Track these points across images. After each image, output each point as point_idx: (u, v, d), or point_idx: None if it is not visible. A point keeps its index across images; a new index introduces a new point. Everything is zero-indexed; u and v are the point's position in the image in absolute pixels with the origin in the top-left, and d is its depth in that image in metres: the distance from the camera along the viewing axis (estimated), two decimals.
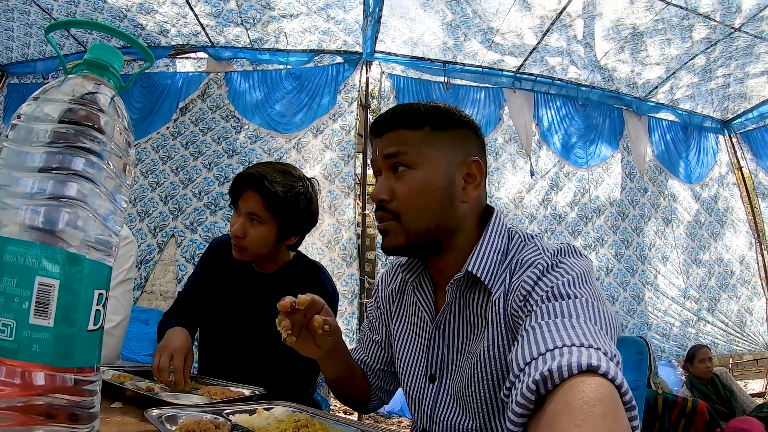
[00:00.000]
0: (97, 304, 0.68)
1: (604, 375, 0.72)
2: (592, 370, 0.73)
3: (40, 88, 0.69)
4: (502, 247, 1.22)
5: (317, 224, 2.17)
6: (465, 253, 1.22)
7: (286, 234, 1.95)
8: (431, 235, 1.21)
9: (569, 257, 1.12)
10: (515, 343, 0.94)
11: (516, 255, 1.19)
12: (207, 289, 2.08)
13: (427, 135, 1.21)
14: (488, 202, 1.33)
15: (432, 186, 1.20)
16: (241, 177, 1.88)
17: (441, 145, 1.22)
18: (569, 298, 0.97)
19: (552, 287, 1.01)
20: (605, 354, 0.79)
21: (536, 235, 1.24)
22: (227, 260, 2.00)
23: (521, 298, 1.06)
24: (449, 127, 1.24)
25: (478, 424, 1.18)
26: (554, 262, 1.09)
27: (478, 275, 1.16)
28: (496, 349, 1.13)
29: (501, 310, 1.13)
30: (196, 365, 2.16)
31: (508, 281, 1.15)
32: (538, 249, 1.16)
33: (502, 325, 1.12)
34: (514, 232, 1.26)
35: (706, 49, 6.17)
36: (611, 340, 0.90)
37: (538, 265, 1.09)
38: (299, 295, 1.21)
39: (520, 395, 0.75)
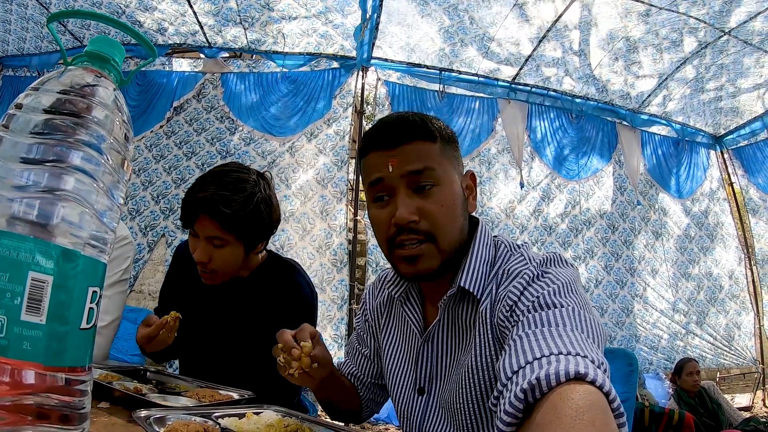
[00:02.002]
0: (91, 302, 0.66)
1: (592, 382, 0.72)
2: (580, 378, 0.73)
3: (39, 79, 0.67)
4: (489, 258, 1.22)
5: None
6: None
7: (253, 246, 1.84)
8: (455, 251, 1.19)
9: (554, 266, 1.12)
10: (502, 352, 0.94)
11: (502, 265, 1.19)
12: (180, 298, 2.01)
13: (441, 148, 1.19)
14: (480, 211, 1.32)
15: (457, 201, 1.18)
16: (193, 202, 1.71)
17: (450, 157, 1.21)
18: (555, 307, 0.97)
19: (538, 297, 1.01)
20: (592, 362, 0.79)
21: (522, 245, 1.24)
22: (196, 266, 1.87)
23: (508, 308, 1.06)
24: (450, 140, 1.24)
25: None
26: (540, 272, 1.09)
27: (469, 288, 1.16)
28: (483, 359, 1.12)
29: (488, 321, 1.13)
30: (177, 370, 2.13)
31: (494, 291, 1.15)
32: (524, 259, 1.17)
33: (489, 336, 1.12)
34: (500, 242, 1.26)
35: (698, 51, 6.23)
36: (598, 348, 0.90)
37: (524, 275, 1.09)
38: (303, 343, 1.18)
39: (509, 404, 0.75)
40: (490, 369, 1.11)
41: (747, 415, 5.74)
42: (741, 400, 7.30)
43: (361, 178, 1.29)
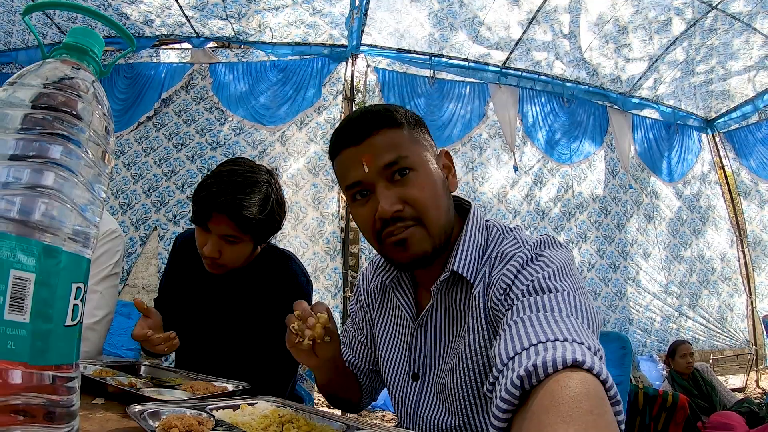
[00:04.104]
0: (75, 299, 0.65)
1: (589, 370, 0.72)
2: (576, 366, 0.72)
3: (18, 73, 0.66)
4: (482, 242, 1.20)
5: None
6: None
7: (262, 242, 1.90)
8: (445, 233, 1.17)
9: (549, 249, 1.11)
10: (497, 337, 0.93)
11: (495, 248, 1.18)
12: (178, 288, 2.04)
13: (408, 132, 1.17)
14: (472, 197, 1.30)
15: (437, 182, 1.16)
16: (212, 204, 1.69)
17: (420, 140, 1.19)
18: (550, 291, 0.96)
19: (533, 281, 1.00)
20: (589, 348, 0.79)
21: (515, 228, 1.23)
22: (195, 257, 1.91)
23: (501, 291, 1.05)
24: (416, 124, 1.22)
25: (460, 422, 1.17)
26: (534, 255, 1.08)
27: (461, 273, 1.15)
28: (477, 344, 1.12)
29: (481, 305, 1.12)
30: (173, 363, 2.12)
31: (487, 275, 1.14)
32: (517, 241, 1.15)
33: (483, 320, 1.11)
34: (492, 225, 1.25)
35: (686, 30, 6.25)
36: (594, 334, 0.89)
37: (518, 258, 1.08)
38: (319, 314, 1.15)
39: (504, 391, 0.74)
40: (484, 354, 1.11)
41: (740, 396, 5.79)
42: (734, 381, 7.37)
43: (337, 179, 1.26)
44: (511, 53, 6.57)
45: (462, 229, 1.22)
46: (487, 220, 1.27)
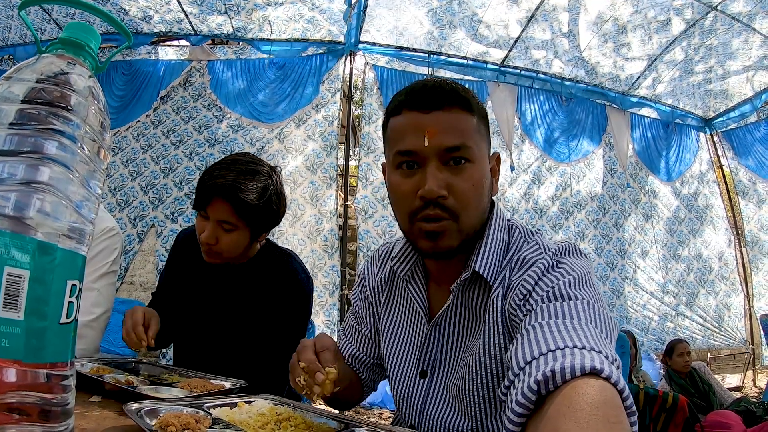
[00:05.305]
0: (70, 296, 0.64)
1: (607, 379, 0.71)
2: (594, 373, 0.71)
3: (14, 67, 0.65)
4: (503, 243, 1.19)
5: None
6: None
7: (259, 235, 1.89)
8: (474, 232, 1.14)
9: (569, 257, 1.10)
10: (513, 341, 0.92)
11: (516, 252, 1.16)
12: (178, 284, 2.04)
13: (478, 123, 1.13)
14: None
15: (485, 182, 1.14)
16: (211, 186, 1.74)
17: (484, 135, 1.16)
18: (570, 299, 0.96)
19: (553, 287, 0.99)
20: (606, 357, 0.78)
21: (536, 232, 1.21)
22: (196, 253, 1.91)
23: (521, 296, 1.03)
24: (485, 117, 1.19)
25: (472, 424, 1.15)
26: (555, 262, 1.07)
27: (482, 273, 1.13)
28: (492, 347, 1.10)
29: (499, 308, 1.11)
30: (171, 360, 2.11)
31: (507, 279, 1.12)
32: (539, 247, 1.14)
33: (499, 323, 1.10)
34: (514, 227, 1.23)
35: (686, 30, 6.26)
36: (611, 344, 0.89)
37: (539, 264, 1.06)
38: (328, 369, 1.07)
39: (521, 395, 0.73)
40: (498, 357, 1.10)
41: (737, 395, 5.79)
42: (731, 380, 7.37)
43: (384, 138, 1.22)
44: (509, 51, 6.57)
45: (485, 228, 1.19)
46: (509, 220, 1.25)
